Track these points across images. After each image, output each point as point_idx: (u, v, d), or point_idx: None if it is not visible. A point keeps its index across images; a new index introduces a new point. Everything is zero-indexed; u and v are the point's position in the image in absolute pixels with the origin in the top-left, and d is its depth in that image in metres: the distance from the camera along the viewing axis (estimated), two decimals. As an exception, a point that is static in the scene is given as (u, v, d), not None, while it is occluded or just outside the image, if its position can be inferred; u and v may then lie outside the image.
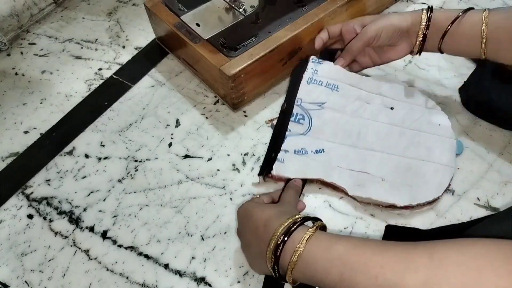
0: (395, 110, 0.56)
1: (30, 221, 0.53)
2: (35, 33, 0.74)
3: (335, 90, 0.57)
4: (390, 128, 0.54)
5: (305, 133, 0.55)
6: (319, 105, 0.57)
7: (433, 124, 0.54)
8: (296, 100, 0.57)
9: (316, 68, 0.58)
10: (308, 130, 0.55)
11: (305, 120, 0.56)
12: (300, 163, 0.53)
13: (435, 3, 0.73)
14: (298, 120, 0.56)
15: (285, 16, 0.60)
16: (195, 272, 0.48)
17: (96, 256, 0.50)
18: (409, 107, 0.56)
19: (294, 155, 0.53)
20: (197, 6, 0.62)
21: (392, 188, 0.50)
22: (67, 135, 0.60)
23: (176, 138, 0.59)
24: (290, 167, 0.52)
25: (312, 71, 0.58)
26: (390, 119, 0.55)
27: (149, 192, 0.54)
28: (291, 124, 0.55)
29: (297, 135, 0.55)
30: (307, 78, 0.58)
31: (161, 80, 0.66)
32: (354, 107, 0.57)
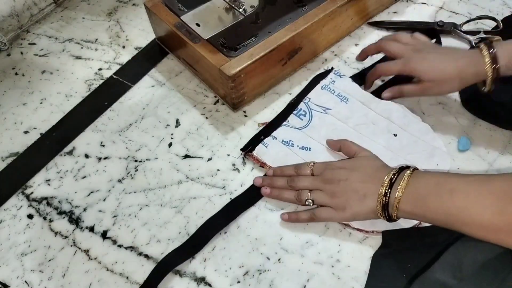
0: (398, 138, 0.55)
1: (30, 221, 0.53)
2: (35, 33, 0.74)
3: (344, 101, 0.59)
4: (384, 151, 0.53)
5: (300, 128, 0.57)
6: (324, 109, 0.58)
7: (431, 162, 0.53)
8: (305, 98, 0.60)
9: (335, 80, 0.61)
10: (305, 127, 0.57)
11: (306, 117, 0.58)
12: (282, 153, 0.54)
13: (435, 3, 0.73)
14: (299, 115, 0.58)
15: (285, 16, 0.60)
16: (195, 272, 0.48)
17: (96, 256, 0.50)
18: (413, 140, 0.55)
19: (280, 144, 0.55)
20: (197, 6, 0.62)
21: None
22: (67, 135, 0.60)
23: (176, 138, 0.59)
24: (271, 154, 0.54)
25: (330, 80, 0.61)
26: (389, 144, 0.55)
27: (149, 192, 0.54)
28: (291, 117, 0.58)
29: (293, 128, 0.57)
30: (323, 84, 0.61)
31: (161, 80, 0.66)
32: (357, 121, 0.57)
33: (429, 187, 0.41)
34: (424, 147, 0.54)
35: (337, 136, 0.55)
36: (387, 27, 0.70)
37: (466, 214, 0.39)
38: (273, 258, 0.49)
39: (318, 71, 0.65)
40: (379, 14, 0.72)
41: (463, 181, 0.40)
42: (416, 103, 0.60)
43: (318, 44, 0.65)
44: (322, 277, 0.47)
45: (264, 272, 0.48)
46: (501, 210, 0.37)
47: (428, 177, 0.43)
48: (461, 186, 0.40)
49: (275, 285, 0.47)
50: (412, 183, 0.43)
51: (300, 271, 0.48)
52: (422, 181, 0.42)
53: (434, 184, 0.41)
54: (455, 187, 0.40)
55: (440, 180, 0.42)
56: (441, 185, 0.41)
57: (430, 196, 0.41)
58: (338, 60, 0.67)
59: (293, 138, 0.56)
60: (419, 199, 0.42)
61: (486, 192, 0.38)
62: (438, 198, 0.40)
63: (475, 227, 0.38)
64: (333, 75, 0.62)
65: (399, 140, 0.55)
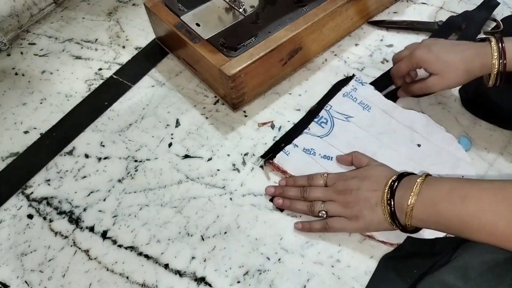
0: (421, 148, 0.54)
1: (30, 221, 0.53)
2: (35, 33, 0.74)
3: (366, 109, 0.58)
4: (407, 161, 0.53)
5: (321, 137, 0.56)
6: (346, 117, 0.58)
7: (455, 173, 0.52)
8: (326, 105, 0.59)
9: (357, 87, 0.60)
10: (326, 135, 0.56)
11: (327, 125, 0.57)
12: (303, 162, 0.53)
13: (435, 3, 0.73)
14: (320, 123, 0.57)
15: (285, 16, 0.60)
16: (195, 272, 0.48)
17: (96, 256, 0.50)
18: (436, 150, 0.54)
19: (302, 152, 0.54)
20: (197, 6, 0.62)
21: None
22: (67, 135, 0.60)
23: (176, 138, 0.59)
24: (292, 162, 0.53)
25: (352, 88, 0.60)
26: (411, 153, 0.54)
27: (149, 192, 0.54)
28: (312, 124, 0.57)
29: (314, 136, 0.56)
30: (344, 91, 0.60)
31: (161, 80, 0.66)
32: (379, 130, 0.56)
33: (442, 194, 0.41)
34: (448, 157, 0.53)
35: (359, 144, 0.54)
36: (387, 27, 0.70)
37: (479, 222, 0.38)
38: (273, 258, 0.49)
39: (318, 71, 0.65)
40: (379, 14, 0.72)
41: (476, 188, 0.39)
42: (416, 103, 0.60)
43: (318, 44, 0.65)
44: (322, 277, 0.47)
45: (264, 272, 0.48)
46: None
47: (441, 183, 0.42)
48: (474, 192, 0.39)
49: (275, 285, 0.47)
50: (425, 189, 0.42)
51: (300, 271, 0.48)
52: (435, 187, 0.42)
53: (447, 190, 0.40)
54: (468, 194, 0.39)
55: (453, 186, 0.41)
56: (453, 191, 0.40)
57: (442, 202, 0.40)
58: (338, 60, 0.67)
59: (315, 146, 0.55)
60: (432, 206, 0.41)
61: (501, 199, 0.37)
62: (451, 204, 0.40)
63: (487, 235, 0.38)
64: (355, 82, 0.61)
65: (421, 150, 0.54)
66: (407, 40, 0.68)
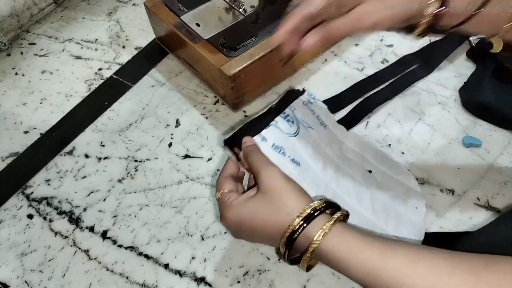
0: (373, 175, 0.52)
1: (30, 221, 0.53)
2: (35, 33, 0.74)
3: (322, 125, 0.52)
4: (364, 189, 0.49)
5: (290, 135, 0.47)
6: (307, 126, 0.50)
7: (408, 204, 0.50)
8: (290, 106, 0.50)
9: (311, 101, 0.52)
10: (294, 135, 0.48)
11: (294, 125, 0.48)
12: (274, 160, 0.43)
13: (435, 3, 0.73)
14: (287, 120, 0.48)
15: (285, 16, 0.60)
16: (195, 272, 0.48)
17: (96, 256, 0.50)
18: (388, 178, 0.52)
19: (271, 148, 0.45)
20: (197, 6, 0.62)
21: (354, 222, 0.45)
22: (67, 135, 0.60)
23: (176, 138, 0.59)
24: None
25: (308, 98, 0.52)
26: (365, 180, 0.50)
27: (149, 192, 0.54)
28: (279, 118, 0.47)
29: (282, 131, 0.47)
30: (304, 100, 0.52)
31: (161, 80, 0.66)
32: (335, 152, 0.52)
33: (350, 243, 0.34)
34: (399, 187, 0.51)
35: (323, 158, 0.49)
36: (387, 27, 0.70)
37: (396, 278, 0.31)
38: (273, 258, 0.49)
39: (318, 71, 0.65)
40: (379, 14, 0.72)
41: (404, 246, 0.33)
42: (416, 103, 0.60)
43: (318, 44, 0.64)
44: (322, 277, 0.47)
45: (264, 272, 0.48)
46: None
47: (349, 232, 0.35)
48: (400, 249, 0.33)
49: (275, 285, 0.47)
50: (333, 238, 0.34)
51: (300, 271, 0.48)
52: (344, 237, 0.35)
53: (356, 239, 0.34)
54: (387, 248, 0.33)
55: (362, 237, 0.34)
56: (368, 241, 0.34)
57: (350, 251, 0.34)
58: (338, 60, 0.67)
59: (284, 146, 0.46)
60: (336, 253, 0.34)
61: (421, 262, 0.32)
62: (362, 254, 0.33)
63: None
64: (308, 96, 0.52)
65: (374, 177, 0.52)
66: (407, 40, 0.68)
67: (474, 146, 0.56)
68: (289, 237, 0.36)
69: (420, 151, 0.56)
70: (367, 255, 0.33)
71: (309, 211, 0.36)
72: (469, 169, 0.54)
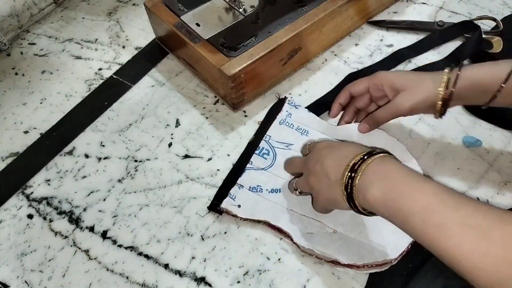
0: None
1: (30, 221, 0.53)
2: (35, 33, 0.74)
3: (304, 134, 0.56)
4: None
5: (266, 169, 0.54)
6: (286, 145, 0.56)
7: None
8: (265, 136, 0.56)
9: (291, 112, 0.58)
10: (270, 166, 0.54)
11: (270, 156, 0.55)
12: (251, 202, 0.51)
13: (435, 3, 0.73)
14: (262, 154, 0.55)
15: (285, 16, 0.60)
16: (195, 272, 0.48)
17: (96, 256, 0.50)
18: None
19: (248, 191, 0.52)
20: (197, 6, 0.62)
21: (341, 242, 0.47)
22: (67, 135, 0.60)
23: (176, 138, 0.59)
24: (241, 205, 0.51)
25: (287, 114, 0.58)
26: None
27: (149, 192, 0.54)
28: (254, 157, 0.55)
29: (258, 169, 0.54)
30: (280, 119, 0.58)
31: (161, 80, 0.66)
32: None
33: (402, 175, 0.38)
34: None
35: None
36: (387, 27, 0.70)
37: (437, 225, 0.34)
38: (273, 258, 0.49)
39: (318, 71, 0.65)
40: (379, 14, 0.72)
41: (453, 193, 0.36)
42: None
43: (318, 44, 0.65)
44: (322, 277, 0.47)
45: (264, 272, 0.48)
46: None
47: (402, 167, 0.39)
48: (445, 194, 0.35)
49: (275, 285, 0.47)
50: (378, 167, 0.39)
51: (300, 271, 0.48)
52: (392, 167, 0.39)
53: (409, 176, 0.38)
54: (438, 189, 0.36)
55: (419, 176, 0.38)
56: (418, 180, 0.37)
57: (402, 186, 0.37)
58: (338, 60, 0.67)
59: (261, 181, 0.52)
60: (386, 184, 0.38)
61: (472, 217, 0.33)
62: (410, 192, 0.36)
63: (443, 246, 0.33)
64: (288, 106, 0.59)
65: None
66: (407, 40, 0.68)
67: (474, 146, 0.56)
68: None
69: (420, 151, 0.56)
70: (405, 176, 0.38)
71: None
72: (469, 169, 0.54)
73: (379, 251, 0.46)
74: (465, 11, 0.71)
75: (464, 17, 0.70)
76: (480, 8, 0.72)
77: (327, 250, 0.47)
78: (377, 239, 0.47)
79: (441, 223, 0.33)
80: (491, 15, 0.68)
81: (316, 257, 0.48)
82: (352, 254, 0.46)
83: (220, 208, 0.51)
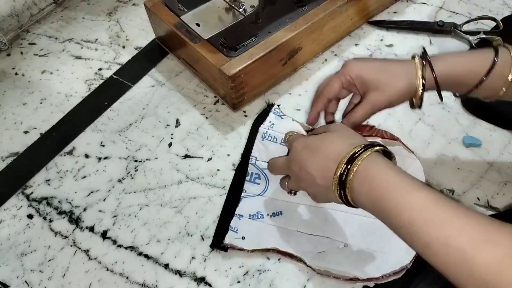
0: None
1: (30, 221, 0.53)
2: (35, 33, 0.74)
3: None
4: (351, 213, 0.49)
5: (261, 194, 0.51)
6: None
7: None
8: (251, 158, 0.53)
9: (274, 122, 0.55)
10: (265, 190, 0.51)
11: (261, 179, 0.52)
12: (255, 231, 0.49)
13: (435, 3, 0.73)
14: (254, 180, 0.52)
15: (285, 16, 0.60)
16: (195, 272, 0.48)
17: (96, 256, 0.50)
18: None
19: (249, 220, 0.49)
20: (197, 6, 0.62)
21: (355, 256, 0.46)
22: (67, 135, 0.60)
23: (176, 138, 0.59)
24: (244, 236, 0.48)
25: (269, 124, 0.55)
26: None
27: (149, 192, 0.54)
28: (246, 184, 0.52)
29: (253, 196, 0.51)
30: (262, 133, 0.54)
31: (161, 80, 0.66)
32: None
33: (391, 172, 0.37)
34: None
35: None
36: (387, 27, 0.70)
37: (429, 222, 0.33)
38: (273, 258, 0.49)
39: (318, 71, 0.65)
40: (379, 14, 0.72)
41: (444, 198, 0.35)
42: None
43: (318, 44, 0.65)
44: (322, 277, 0.47)
45: (264, 272, 0.48)
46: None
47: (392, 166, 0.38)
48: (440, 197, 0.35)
49: (275, 285, 0.47)
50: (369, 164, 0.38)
51: (300, 271, 0.48)
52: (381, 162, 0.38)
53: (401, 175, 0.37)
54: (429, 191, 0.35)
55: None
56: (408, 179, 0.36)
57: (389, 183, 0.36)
58: (338, 60, 0.67)
59: (259, 208, 0.50)
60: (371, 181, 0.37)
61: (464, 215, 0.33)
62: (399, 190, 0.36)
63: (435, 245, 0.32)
64: (273, 115, 0.55)
65: None
66: (407, 40, 0.68)
67: (474, 146, 0.56)
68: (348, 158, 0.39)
69: (420, 151, 0.56)
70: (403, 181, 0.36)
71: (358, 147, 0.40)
72: (469, 169, 0.54)
73: (394, 257, 0.45)
74: (465, 11, 0.71)
75: (464, 17, 0.70)
76: (480, 8, 0.72)
77: (342, 267, 0.46)
78: (388, 245, 0.46)
79: (426, 242, 0.32)
80: (491, 15, 0.68)
81: (333, 277, 0.46)
82: (369, 267, 0.45)
83: (224, 244, 0.48)
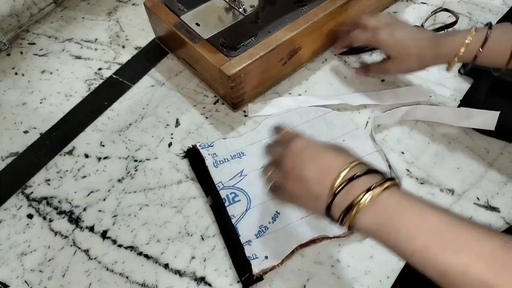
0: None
1: (30, 221, 0.53)
2: (35, 33, 0.74)
3: (243, 156, 0.55)
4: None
5: (248, 209, 0.51)
6: (239, 175, 0.53)
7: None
8: (217, 186, 0.52)
9: (212, 152, 0.55)
10: (249, 202, 0.51)
11: (239, 195, 0.52)
12: (271, 244, 0.48)
13: (435, 2, 0.73)
14: (233, 200, 0.51)
15: (285, 16, 0.60)
16: (195, 272, 0.48)
17: (96, 256, 0.50)
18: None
19: (259, 239, 0.48)
20: (197, 6, 0.61)
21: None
22: (67, 135, 0.60)
23: (176, 138, 0.59)
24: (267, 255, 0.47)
25: (210, 156, 0.55)
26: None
27: (149, 192, 0.54)
28: (230, 210, 0.50)
29: (243, 215, 0.50)
30: (212, 163, 0.54)
31: (161, 80, 0.66)
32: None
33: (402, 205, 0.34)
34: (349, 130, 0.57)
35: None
36: (387, 27, 0.70)
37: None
38: (273, 258, 0.49)
39: (318, 71, 0.65)
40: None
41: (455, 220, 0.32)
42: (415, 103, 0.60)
43: (318, 44, 0.65)
44: (322, 277, 0.47)
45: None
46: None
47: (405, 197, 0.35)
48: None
49: (275, 285, 0.47)
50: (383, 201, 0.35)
51: (300, 271, 0.48)
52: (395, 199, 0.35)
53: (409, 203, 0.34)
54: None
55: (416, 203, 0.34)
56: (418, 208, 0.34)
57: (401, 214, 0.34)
58: (338, 60, 0.67)
59: (258, 221, 0.50)
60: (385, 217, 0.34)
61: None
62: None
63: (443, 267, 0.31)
64: (205, 150, 0.55)
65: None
66: (407, 40, 0.68)
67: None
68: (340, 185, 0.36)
69: (420, 151, 0.56)
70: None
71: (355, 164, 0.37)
72: (469, 169, 0.54)
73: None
74: (465, 11, 0.71)
75: (464, 17, 0.70)
76: (480, 8, 0.72)
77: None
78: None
79: (442, 269, 0.30)
80: (491, 14, 0.68)
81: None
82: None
83: (255, 275, 0.46)
